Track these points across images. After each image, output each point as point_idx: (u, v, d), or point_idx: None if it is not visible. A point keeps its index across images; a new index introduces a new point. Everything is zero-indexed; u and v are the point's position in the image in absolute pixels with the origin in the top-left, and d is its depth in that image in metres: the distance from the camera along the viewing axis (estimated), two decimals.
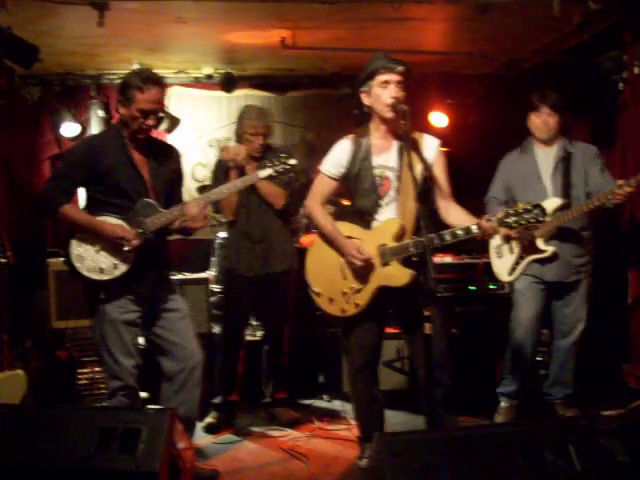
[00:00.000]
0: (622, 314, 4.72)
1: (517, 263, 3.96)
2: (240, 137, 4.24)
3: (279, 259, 4.25)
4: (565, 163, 3.91)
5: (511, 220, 3.00)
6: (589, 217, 3.95)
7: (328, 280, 3.37)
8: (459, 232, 3.10)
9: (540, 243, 3.88)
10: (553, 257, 3.90)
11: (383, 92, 3.23)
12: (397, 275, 3.20)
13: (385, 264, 3.25)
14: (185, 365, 3.34)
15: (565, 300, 4.00)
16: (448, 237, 3.10)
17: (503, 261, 4.02)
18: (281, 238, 4.27)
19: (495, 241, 4.02)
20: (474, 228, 3.07)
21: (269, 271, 4.21)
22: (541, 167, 3.96)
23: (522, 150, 4.06)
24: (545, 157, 3.98)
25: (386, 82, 3.22)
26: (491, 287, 4.57)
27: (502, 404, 4.13)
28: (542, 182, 3.96)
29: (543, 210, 2.95)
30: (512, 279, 4.00)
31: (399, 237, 3.24)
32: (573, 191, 3.90)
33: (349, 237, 3.32)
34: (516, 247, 3.99)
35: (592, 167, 3.93)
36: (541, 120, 3.94)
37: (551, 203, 3.81)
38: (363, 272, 3.27)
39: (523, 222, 2.98)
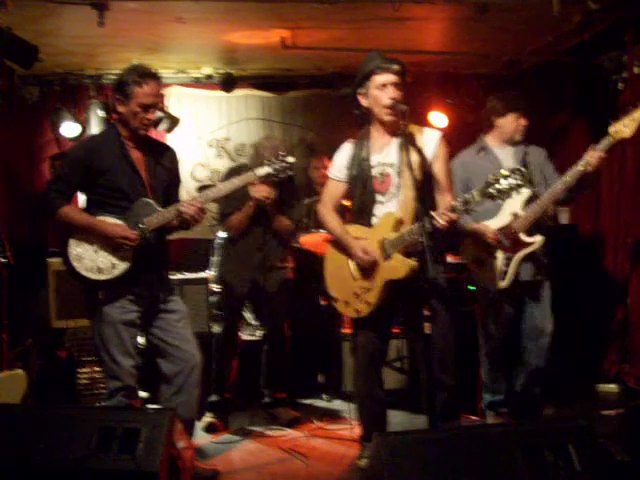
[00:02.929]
0: (622, 314, 4.72)
1: (506, 265, 3.77)
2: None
3: (273, 281, 4.28)
4: (524, 162, 3.87)
5: (492, 190, 2.89)
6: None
7: (341, 284, 3.41)
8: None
9: (524, 237, 3.75)
10: (528, 255, 3.76)
11: (381, 94, 3.23)
12: (398, 267, 3.18)
13: (387, 257, 3.25)
14: (183, 367, 3.32)
15: (535, 301, 3.87)
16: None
17: (488, 269, 3.81)
18: (278, 263, 4.32)
19: (471, 253, 3.83)
20: (456, 203, 3.02)
21: (263, 291, 4.24)
22: (505, 166, 3.76)
23: (479, 150, 3.99)
24: (505, 156, 3.94)
25: (383, 84, 3.23)
26: None
27: (489, 417, 4.00)
28: None
29: (522, 172, 2.87)
30: (507, 284, 3.77)
31: (397, 229, 3.25)
32: (537, 188, 3.83)
33: (357, 238, 3.33)
34: (497, 252, 3.79)
35: (547, 167, 3.93)
36: (519, 122, 3.94)
37: (522, 193, 3.65)
38: (370, 270, 3.29)
39: (504, 188, 2.87)
